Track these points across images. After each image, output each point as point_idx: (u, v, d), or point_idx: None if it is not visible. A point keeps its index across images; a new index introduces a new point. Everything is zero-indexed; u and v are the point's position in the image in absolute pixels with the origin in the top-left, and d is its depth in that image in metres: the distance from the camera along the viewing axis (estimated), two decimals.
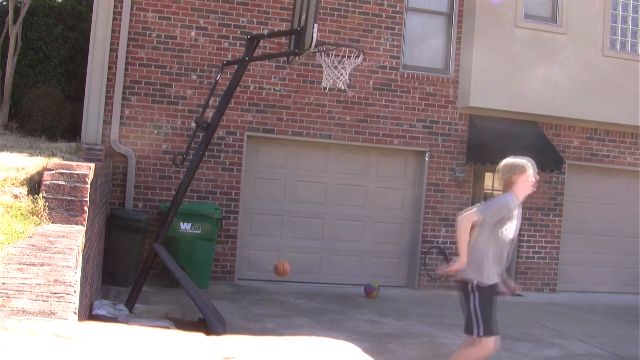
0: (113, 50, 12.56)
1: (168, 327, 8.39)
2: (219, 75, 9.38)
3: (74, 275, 4.18)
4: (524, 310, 12.64)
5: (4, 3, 15.61)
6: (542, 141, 14.23)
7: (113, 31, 12.56)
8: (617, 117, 14.60)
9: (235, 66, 9.50)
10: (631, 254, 15.49)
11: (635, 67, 14.69)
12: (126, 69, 12.64)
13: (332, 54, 9.63)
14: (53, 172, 6.19)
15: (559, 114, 14.37)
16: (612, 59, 14.61)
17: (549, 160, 13.73)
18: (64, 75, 15.33)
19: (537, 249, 14.70)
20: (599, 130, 15.00)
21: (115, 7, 12.57)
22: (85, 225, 6.10)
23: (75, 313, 3.58)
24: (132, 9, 12.66)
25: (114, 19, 12.57)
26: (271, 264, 13.00)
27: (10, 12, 14.99)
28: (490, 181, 15.08)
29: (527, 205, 14.57)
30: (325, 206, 13.76)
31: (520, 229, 14.49)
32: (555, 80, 14.21)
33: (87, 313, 7.97)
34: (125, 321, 8.21)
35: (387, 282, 13.56)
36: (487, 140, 13.81)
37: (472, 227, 6.95)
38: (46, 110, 13.87)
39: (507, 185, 7.21)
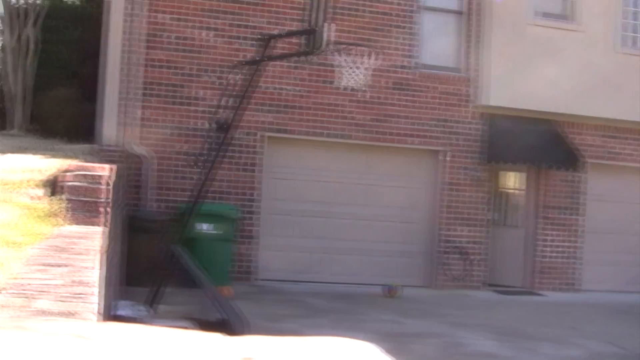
0: (128, 52, 12.57)
1: (189, 327, 8.40)
2: (234, 76, 9.38)
3: (94, 276, 4.18)
4: (545, 310, 12.57)
5: (23, 6, 15.68)
6: (557, 140, 14.14)
7: (129, 33, 12.57)
8: (637, 114, 14.44)
9: (251, 67, 9.50)
10: None
11: None
12: (142, 71, 12.65)
13: (348, 54, 9.62)
14: (72, 173, 6.21)
15: (579, 112, 14.26)
16: (628, 55, 14.49)
17: (567, 159, 13.65)
18: (82, 77, 15.38)
19: (558, 248, 14.58)
20: (620, 129, 14.85)
21: (130, 9, 12.58)
22: (105, 226, 6.12)
23: (96, 313, 3.59)
24: (146, 10, 12.67)
25: (129, 21, 12.58)
26: (292, 263, 13.06)
27: (29, 15, 15.07)
28: (506, 180, 15.01)
29: (548, 205, 14.50)
30: (345, 206, 13.70)
31: (541, 228, 14.49)
32: (573, 79, 14.09)
33: (108, 314, 7.99)
34: (146, 321, 8.22)
35: (407, 282, 13.48)
36: (503, 139, 13.74)
37: None
38: (65, 112, 13.92)
39: None
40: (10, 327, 2.28)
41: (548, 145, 13.95)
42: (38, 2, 15.98)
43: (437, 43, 14.26)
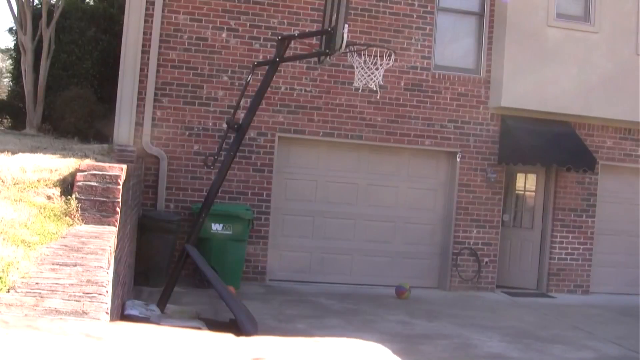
0: (144, 52, 12.63)
1: (199, 328, 8.43)
2: (250, 77, 9.40)
3: (106, 276, 4.20)
4: (556, 312, 12.54)
5: (38, 7, 15.79)
6: (574, 141, 14.10)
7: (144, 33, 12.63)
8: None
9: (266, 67, 9.52)
10: None
11: None
12: (158, 71, 12.71)
13: (363, 55, 9.62)
14: (86, 173, 6.24)
15: (592, 113, 14.24)
16: None
17: (582, 160, 13.60)
18: (96, 77, 15.47)
19: (569, 250, 14.56)
20: (633, 130, 14.83)
21: (146, 9, 12.63)
22: (117, 226, 6.14)
23: (107, 313, 3.61)
24: (163, 11, 12.73)
25: (146, 21, 12.63)
26: (302, 264, 13.09)
27: (44, 15, 15.17)
28: (519, 181, 14.97)
29: (560, 206, 14.48)
30: (356, 207, 13.73)
31: (553, 230, 14.47)
32: (587, 80, 14.07)
33: (119, 313, 8.02)
34: (157, 321, 8.26)
35: (418, 283, 13.50)
36: (519, 141, 13.71)
37: None
38: (78, 112, 14.01)
39: None
40: (21, 326, 2.30)
41: (563, 147, 13.90)
42: (53, 2, 16.11)
43: (452, 44, 14.27)
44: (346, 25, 8.48)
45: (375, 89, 9.99)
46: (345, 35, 8.44)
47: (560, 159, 13.72)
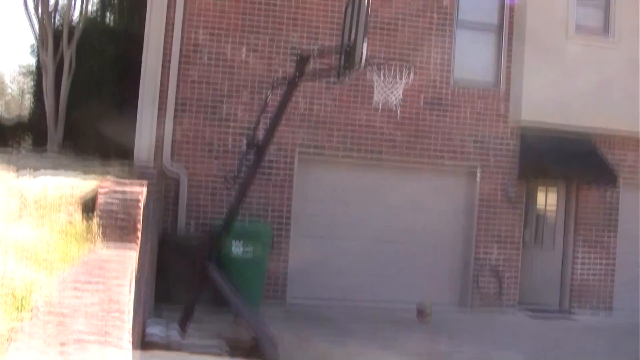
0: (164, 69, 12.65)
1: (220, 348, 8.41)
2: (269, 94, 9.39)
3: (128, 296, 4.19)
4: (579, 330, 12.41)
5: (59, 26, 15.91)
6: (595, 156, 13.99)
7: (165, 50, 12.67)
8: None
9: (286, 84, 9.50)
10: None
11: None
12: (178, 88, 12.72)
13: (383, 70, 9.59)
14: (106, 193, 6.25)
15: (613, 126, 14.06)
16: None
17: (604, 176, 13.49)
18: (116, 95, 15.53)
19: (592, 267, 14.38)
20: None
21: (166, 26, 12.68)
22: (139, 246, 6.13)
23: (129, 333, 3.59)
24: (183, 28, 12.75)
25: (166, 38, 12.67)
26: (323, 283, 12.98)
27: (65, 34, 15.28)
28: (542, 198, 14.83)
29: (582, 223, 14.33)
30: (376, 224, 13.62)
31: (575, 247, 14.31)
32: (608, 93, 13.95)
33: (141, 332, 8.00)
34: (178, 341, 8.24)
35: (439, 302, 13.35)
36: (540, 156, 13.62)
37: None
38: (99, 130, 14.04)
39: None
40: (42, 349, 2.28)
41: (584, 162, 13.80)
42: (73, 21, 16.23)
43: (471, 59, 14.19)
44: (366, 41, 8.46)
45: (395, 104, 9.95)
46: (364, 51, 8.42)
47: (581, 174, 13.63)
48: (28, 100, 25.64)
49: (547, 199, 14.85)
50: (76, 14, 16.63)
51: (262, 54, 13.04)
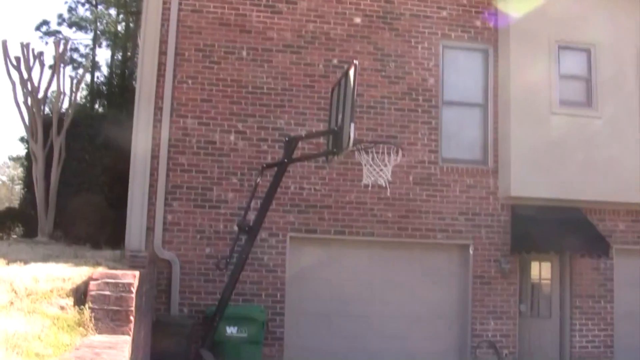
0: (154, 157, 12.77)
1: None
2: (259, 178, 9.47)
3: None
4: None
5: (49, 115, 16.04)
6: (586, 227, 14.02)
7: (153, 138, 12.80)
8: None
9: (275, 168, 9.58)
10: None
11: None
12: (167, 175, 12.81)
13: (371, 152, 9.69)
14: (98, 282, 6.24)
15: (601, 198, 14.16)
16: None
17: (596, 246, 13.51)
18: (106, 183, 15.59)
19: (590, 338, 14.27)
20: None
21: (155, 115, 12.84)
22: (132, 334, 6.09)
23: None
24: (171, 116, 12.93)
25: (154, 126, 12.82)
26: None
27: (54, 124, 15.41)
28: (536, 270, 14.81)
29: (577, 293, 14.30)
30: (371, 304, 13.51)
31: (572, 318, 14.23)
32: (594, 165, 14.04)
33: None
34: None
35: None
36: (531, 230, 13.66)
37: None
38: (90, 218, 14.06)
39: None
40: None
41: (575, 233, 13.82)
42: (63, 109, 16.39)
43: (458, 136, 14.31)
44: (353, 124, 8.56)
45: (384, 185, 10.03)
46: (352, 134, 8.52)
47: (573, 245, 13.64)
48: (18, 189, 25.70)
49: (541, 270, 14.79)
50: (66, 103, 16.79)
51: (251, 140, 13.17)
